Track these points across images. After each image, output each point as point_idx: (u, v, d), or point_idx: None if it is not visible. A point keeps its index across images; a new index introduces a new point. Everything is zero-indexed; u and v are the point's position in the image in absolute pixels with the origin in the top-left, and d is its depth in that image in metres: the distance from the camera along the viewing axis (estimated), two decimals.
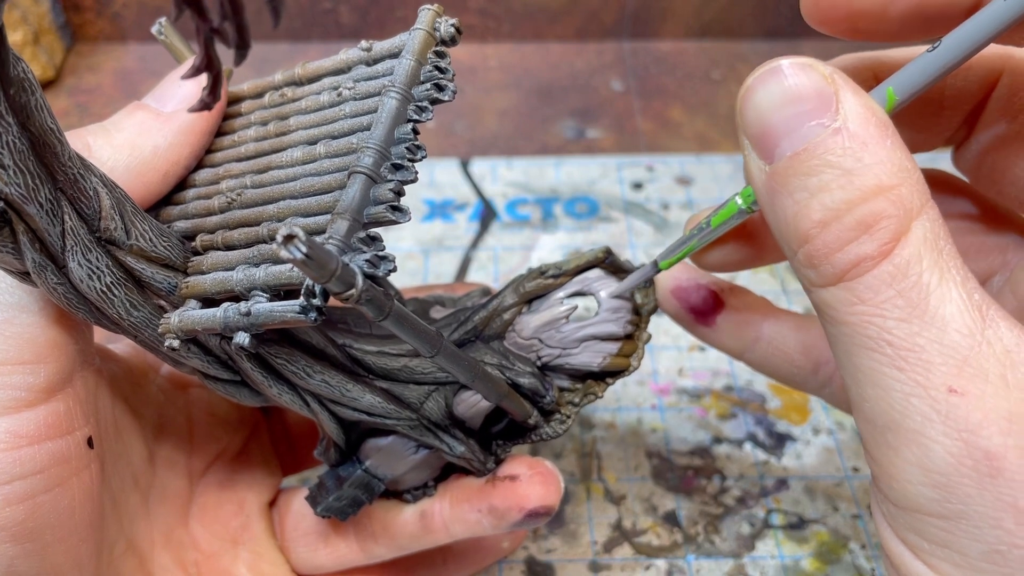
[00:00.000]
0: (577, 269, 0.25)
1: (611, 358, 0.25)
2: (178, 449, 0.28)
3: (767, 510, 0.36)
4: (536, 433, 0.26)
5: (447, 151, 0.54)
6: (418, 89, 0.21)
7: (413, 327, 0.19)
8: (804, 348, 0.26)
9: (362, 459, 0.25)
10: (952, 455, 0.16)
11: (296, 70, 0.23)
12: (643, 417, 0.40)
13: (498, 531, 0.26)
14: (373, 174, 0.19)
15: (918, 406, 0.16)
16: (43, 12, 0.56)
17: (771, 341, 0.26)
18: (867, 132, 0.17)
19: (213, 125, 0.23)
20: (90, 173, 0.19)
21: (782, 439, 0.39)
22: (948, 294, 0.16)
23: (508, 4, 0.59)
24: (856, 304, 0.17)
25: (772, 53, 0.64)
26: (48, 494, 0.20)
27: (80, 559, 0.22)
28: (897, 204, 0.16)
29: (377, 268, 0.17)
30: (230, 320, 0.19)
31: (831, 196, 0.17)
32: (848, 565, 0.35)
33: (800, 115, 0.17)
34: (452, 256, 0.47)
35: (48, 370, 0.20)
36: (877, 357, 0.17)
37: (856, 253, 0.16)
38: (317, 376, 0.22)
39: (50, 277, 0.19)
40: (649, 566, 0.35)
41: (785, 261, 0.48)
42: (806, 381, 0.26)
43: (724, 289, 0.26)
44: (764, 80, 0.18)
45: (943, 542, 0.17)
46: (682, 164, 0.52)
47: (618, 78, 0.60)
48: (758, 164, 0.18)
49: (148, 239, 0.20)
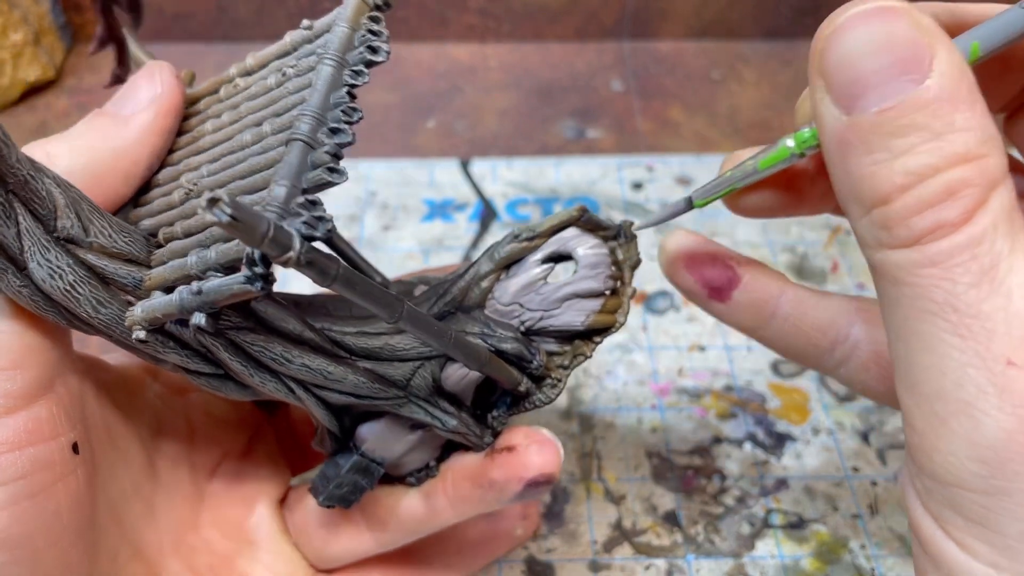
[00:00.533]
0: (552, 229, 0.24)
1: (594, 315, 0.25)
2: (181, 454, 0.28)
3: (767, 510, 0.36)
4: (529, 401, 0.26)
5: (447, 151, 0.54)
6: (352, 54, 0.21)
7: (366, 291, 0.19)
8: (822, 325, 0.25)
9: (358, 444, 0.25)
10: (1005, 430, 0.16)
11: (248, 60, 0.24)
12: (643, 417, 0.40)
13: (502, 505, 0.26)
14: (310, 140, 0.19)
15: (974, 376, 0.16)
16: (43, 12, 0.56)
17: (787, 318, 0.25)
18: (959, 95, 0.16)
19: (172, 124, 0.23)
20: (42, 175, 0.20)
21: (782, 439, 0.39)
22: (1018, 264, 0.16)
23: (508, 4, 0.59)
24: (927, 267, 0.16)
25: (773, 53, 0.64)
26: (32, 500, 0.20)
27: (70, 564, 0.22)
28: (982, 173, 0.16)
29: (315, 229, 0.17)
30: (185, 302, 0.19)
31: (916, 160, 0.16)
32: (848, 565, 0.35)
33: (892, 67, 0.16)
34: (452, 256, 0.47)
35: (26, 376, 0.20)
36: (939, 323, 0.16)
37: (936, 219, 0.16)
38: (297, 361, 0.22)
39: (12, 280, 0.19)
40: (649, 566, 0.35)
41: (784, 258, 0.48)
42: (821, 359, 0.25)
43: (740, 262, 0.24)
44: (856, 22, 0.16)
45: (980, 519, 0.16)
46: (682, 164, 0.52)
47: (618, 78, 0.60)
48: (833, 112, 0.17)
49: (107, 235, 0.21)
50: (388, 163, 0.52)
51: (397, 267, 0.46)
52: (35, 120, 0.54)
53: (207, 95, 0.25)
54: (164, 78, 0.23)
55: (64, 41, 0.58)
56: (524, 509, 0.33)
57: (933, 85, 0.16)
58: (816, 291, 0.25)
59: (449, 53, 0.61)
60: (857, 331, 0.24)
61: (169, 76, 0.23)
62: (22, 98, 0.55)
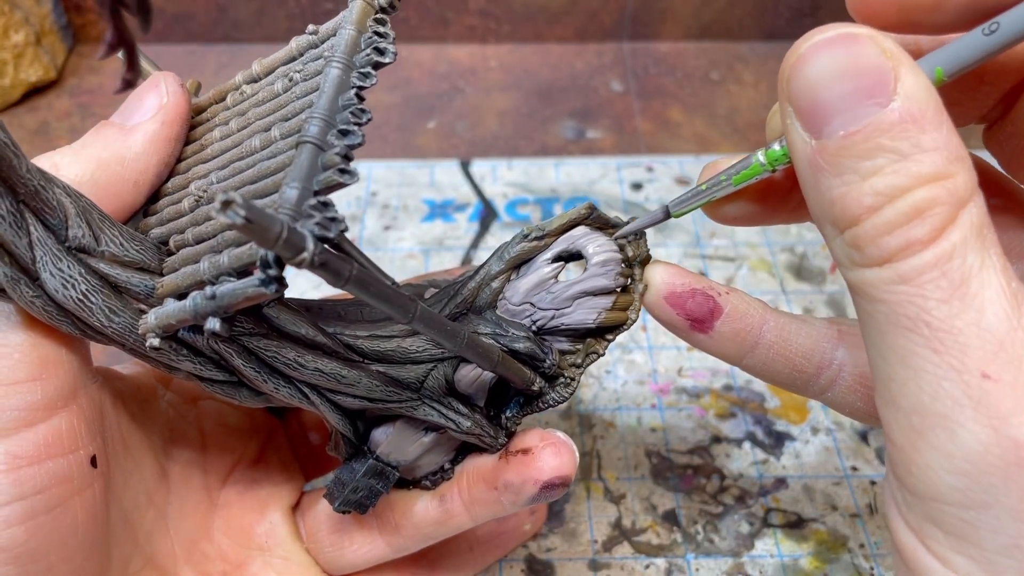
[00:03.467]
0: (561, 228, 0.25)
1: (606, 313, 0.25)
2: (193, 462, 0.28)
3: (766, 509, 0.36)
4: (543, 400, 0.26)
5: (447, 152, 0.54)
6: (359, 56, 0.21)
7: (380, 292, 0.19)
8: (805, 352, 0.25)
9: (373, 448, 0.25)
10: (980, 442, 0.16)
11: (253, 67, 0.24)
12: (643, 416, 0.40)
13: (517, 508, 0.26)
14: (320, 142, 0.19)
15: (949, 389, 0.16)
16: (45, 13, 0.56)
17: (771, 346, 0.25)
18: (925, 115, 0.16)
19: (179, 133, 0.23)
20: (52, 185, 0.20)
21: (781, 438, 0.39)
22: (989, 279, 0.16)
23: (508, 5, 0.60)
24: (899, 284, 0.16)
25: (771, 54, 0.65)
26: (49, 514, 0.20)
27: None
28: (951, 192, 0.16)
29: (328, 230, 0.17)
30: (199, 307, 0.19)
31: (884, 181, 0.16)
32: (847, 564, 0.35)
33: (856, 92, 0.16)
34: (453, 256, 0.47)
35: (46, 388, 0.20)
36: (913, 337, 0.16)
37: (906, 237, 0.16)
38: (310, 365, 0.22)
39: (25, 291, 0.19)
40: (648, 565, 0.35)
41: (783, 258, 0.48)
42: (807, 385, 0.25)
43: (720, 293, 0.25)
44: (819, 50, 0.17)
45: (960, 533, 0.16)
46: (681, 165, 0.53)
47: (618, 79, 0.60)
48: (803, 136, 0.17)
49: (119, 244, 0.21)
50: (389, 163, 0.52)
51: (398, 267, 0.46)
52: (36, 121, 0.54)
53: (213, 103, 0.25)
54: (170, 87, 0.23)
55: (65, 42, 0.58)
56: None
57: (898, 107, 0.16)
58: (797, 317, 0.25)
59: (449, 54, 0.61)
60: (841, 354, 0.24)
61: (175, 85, 0.23)
62: (23, 99, 0.55)
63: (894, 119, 0.16)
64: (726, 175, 0.22)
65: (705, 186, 0.23)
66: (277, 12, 0.59)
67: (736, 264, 0.47)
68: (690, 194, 0.23)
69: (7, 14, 0.52)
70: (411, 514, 0.27)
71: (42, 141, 0.53)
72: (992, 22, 0.17)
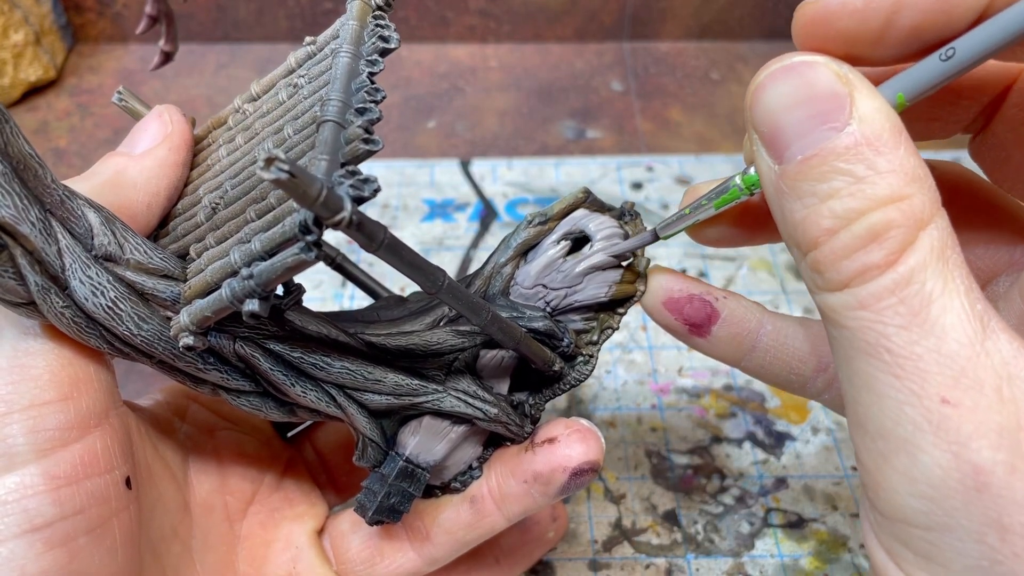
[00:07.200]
0: (562, 212, 0.25)
1: (616, 285, 0.25)
2: (213, 494, 0.27)
3: (766, 509, 0.36)
4: (564, 381, 0.26)
5: (447, 151, 0.54)
6: (365, 47, 0.21)
7: (411, 259, 0.19)
8: (803, 354, 0.25)
9: (401, 451, 0.25)
10: (941, 467, 0.16)
11: (252, 88, 0.24)
12: (643, 416, 0.40)
13: (548, 500, 0.26)
14: (340, 120, 0.19)
15: (910, 415, 0.16)
16: (45, 13, 0.56)
17: (769, 348, 0.25)
18: (881, 138, 0.16)
19: (185, 158, 0.24)
20: (75, 195, 0.20)
21: (781, 438, 0.39)
22: (950, 304, 0.16)
23: (508, 4, 0.60)
24: (858, 309, 0.16)
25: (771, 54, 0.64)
26: (89, 536, 0.20)
27: None
28: (908, 214, 0.16)
29: (363, 191, 0.17)
30: (236, 290, 0.19)
31: (841, 203, 0.16)
32: (847, 564, 0.35)
33: (812, 117, 0.17)
34: (453, 256, 0.47)
35: (79, 407, 0.20)
36: (874, 363, 0.16)
37: (863, 262, 0.16)
38: (337, 363, 0.22)
39: (55, 300, 0.19)
40: (649, 565, 0.35)
41: (783, 258, 0.48)
42: (805, 387, 0.25)
43: (718, 297, 0.25)
44: (776, 78, 0.17)
45: (926, 554, 0.17)
46: (681, 164, 0.53)
47: (618, 79, 0.60)
48: (767, 162, 0.18)
49: (143, 252, 0.21)
50: (389, 163, 0.52)
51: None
52: (36, 120, 0.54)
53: (213, 130, 0.25)
54: (173, 116, 0.24)
55: (65, 41, 0.58)
56: (553, 511, 0.33)
57: (854, 131, 0.16)
58: (795, 319, 0.25)
59: (449, 54, 0.61)
60: None
61: (178, 115, 0.24)
62: (23, 98, 0.55)
63: (849, 143, 0.16)
64: (707, 199, 0.22)
65: (688, 210, 0.23)
66: (277, 12, 0.59)
67: (736, 264, 0.47)
68: (675, 217, 0.24)
69: (6, 13, 0.52)
70: (442, 520, 0.27)
71: (42, 141, 0.53)
72: (948, 47, 0.17)
